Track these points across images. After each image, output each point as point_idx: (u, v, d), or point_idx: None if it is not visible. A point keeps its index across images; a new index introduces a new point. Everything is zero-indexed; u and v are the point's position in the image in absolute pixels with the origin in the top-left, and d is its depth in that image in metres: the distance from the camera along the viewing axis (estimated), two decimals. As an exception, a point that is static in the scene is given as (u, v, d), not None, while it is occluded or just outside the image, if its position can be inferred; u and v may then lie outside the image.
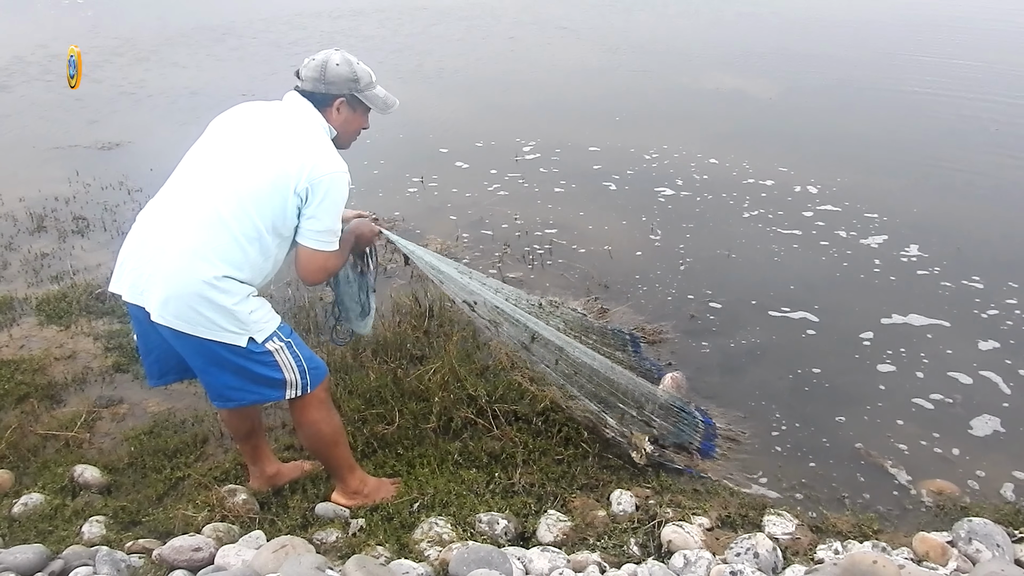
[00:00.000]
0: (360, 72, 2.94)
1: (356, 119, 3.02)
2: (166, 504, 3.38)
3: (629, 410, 3.59)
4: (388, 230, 3.39)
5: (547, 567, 2.78)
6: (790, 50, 12.75)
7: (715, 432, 3.76)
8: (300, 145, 2.78)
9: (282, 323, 2.89)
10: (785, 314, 4.86)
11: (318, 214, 2.76)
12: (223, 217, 2.67)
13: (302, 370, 2.90)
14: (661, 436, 3.59)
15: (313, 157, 2.74)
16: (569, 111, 9.78)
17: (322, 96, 2.90)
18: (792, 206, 6.49)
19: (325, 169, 2.73)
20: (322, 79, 2.88)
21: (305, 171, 2.70)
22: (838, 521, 3.13)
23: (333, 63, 2.89)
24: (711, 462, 3.60)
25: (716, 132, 8.63)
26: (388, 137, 8.61)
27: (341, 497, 3.26)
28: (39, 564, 2.74)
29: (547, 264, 5.60)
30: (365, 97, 2.97)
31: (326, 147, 2.83)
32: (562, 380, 3.57)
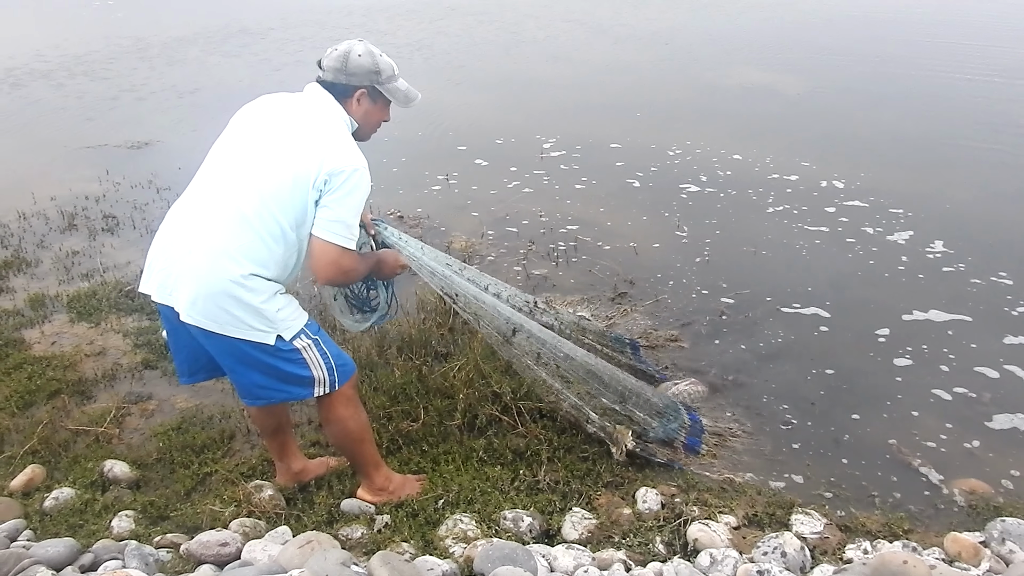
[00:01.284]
0: (382, 64, 2.92)
1: (377, 111, 3.00)
2: (194, 499, 3.41)
3: (612, 404, 3.56)
4: (379, 222, 3.33)
5: (572, 565, 2.77)
6: (819, 45, 12.60)
7: (702, 428, 3.72)
8: (320, 140, 2.75)
9: (309, 320, 2.89)
10: (812, 311, 4.80)
11: (331, 204, 2.71)
12: (247, 216, 2.67)
13: (330, 367, 2.90)
14: (644, 431, 3.56)
15: (332, 151, 2.72)
16: (590, 108, 9.74)
17: (343, 87, 2.88)
18: (818, 202, 6.42)
19: (343, 163, 2.70)
20: (343, 70, 2.86)
21: (324, 166, 2.68)
22: (867, 520, 3.09)
23: (355, 54, 2.86)
24: (736, 460, 3.56)
25: (741, 128, 8.55)
26: (408, 134, 8.65)
27: (367, 494, 3.27)
28: (70, 557, 2.78)
29: (572, 261, 5.58)
30: (386, 90, 2.95)
31: (345, 141, 2.81)
32: (543, 373, 3.54)
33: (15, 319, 5.01)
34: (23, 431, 3.86)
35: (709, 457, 3.58)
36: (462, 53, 13.14)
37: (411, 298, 4.95)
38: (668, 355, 4.40)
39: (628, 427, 3.51)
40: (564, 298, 5.01)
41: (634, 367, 4.06)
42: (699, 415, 3.82)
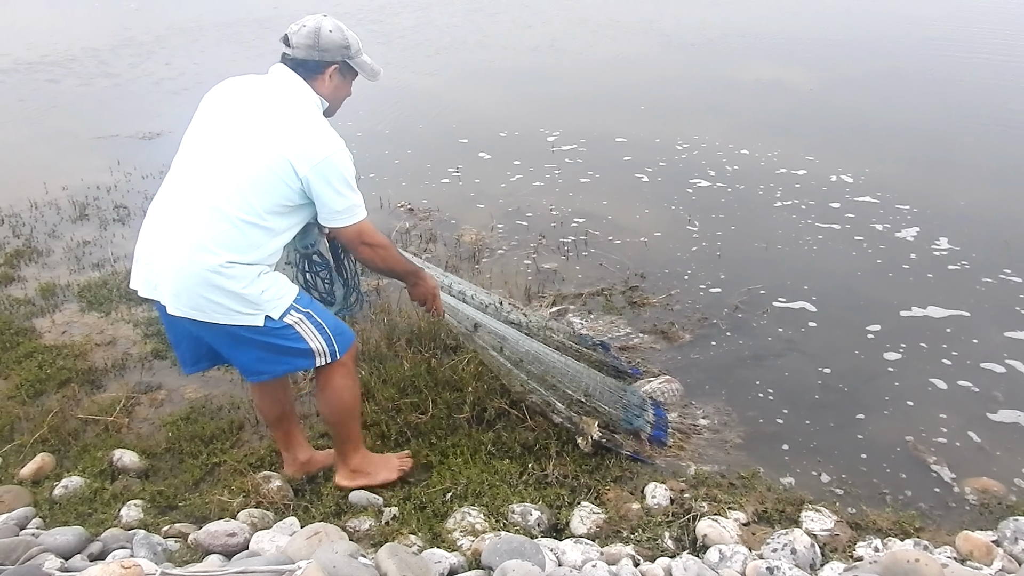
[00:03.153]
0: (351, 39, 2.89)
1: (344, 87, 2.97)
2: (202, 489, 3.41)
3: (577, 395, 3.54)
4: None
5: (580, 559, 2.75)
6: (833, 39, 12.51)
7: (667, 423, 3.70)
8: (296, 127, 2.71)
9: (300, 294, 2.88)
10: (822, 309, 4.77)
11: (327, 196, 2.72)
12: (220, 206, 2.65)
13: (327, 338, 2.90)
14: (610, 422, 3.55)
15: (310, 140, 2.69)
16: (593, 101, 9.71)
17: (315, 63, 2.84)
18: (827, 197, 6.37)
19: (324, 151, 2.68)
20: (316, 46, 2.81)
21: (305, 157, 2.66)
22: (878, 518, 3.06)
23: (326, 29, 2.82)
24: (745, 458, 3.55)
25: (749, 122, 8.50)
26: (410, 126, 8.68)
27: (343, 479, 3.27)
28: (78, 546, 2.79)
29: (583, 255, 5.56)
30: (356, 64, 2.93)
31: (320, 126, 2.76)
32: (509, 365, 3.53)
33: (26, 308, 5.03)
34: (33, 419, 3.86)
35: (676, 449, 3.58)
36: (462, 46, 13.12)
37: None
38: (677, 351, 4.38)
39: (594, 418, 3.50)
40: (575, 291, 5.00)
41: (607, 364, 4.03)
42: (664, 410, 3.80)
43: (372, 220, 5.95)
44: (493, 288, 5.02)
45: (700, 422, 3.81)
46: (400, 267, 3.06)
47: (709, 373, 4.19)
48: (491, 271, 5.32)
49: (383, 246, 2.92)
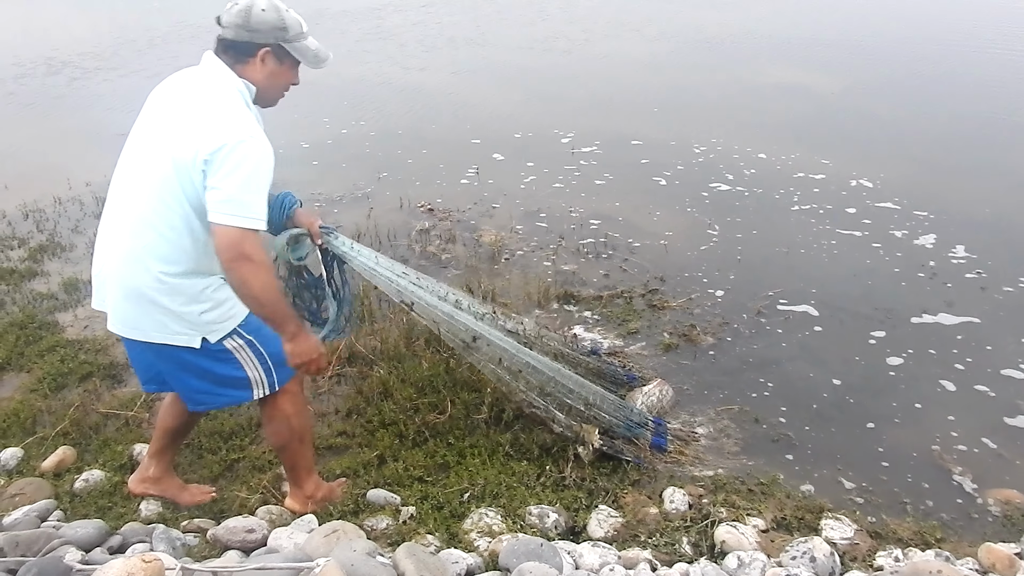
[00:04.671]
0: (289, 20, 2.62)
1: (283, 72, 2.69)
2: (221, 485, 3.43)
3: (577, 404, 3.51)
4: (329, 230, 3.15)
5: (598, 562, 2.74)
6: (857, 44, 12.37)
7: (666, 430, 3.68)
8: (198, 117, 2.49)
9: (248, 319, 2.70)
10: (841, 313, 4.73)
11: (218, 183, 2.42)
12: (143, 214, 2.54)
13: (267, 368, 2.76)
14: (610, 429, 3.53)
15: (210, 126, 2.45)
16: (608, 103, 9.66)
17: (245, 45, 2.59)
18: (848, 202, 6.30)
19: (222, 136, 2.42)
20: (246, 25, 2.56)
21: (203, 143, 2.42)
22: (899, 528, 3.04)
23: (259, 8, 2.56)
24: (765, 464, 3.52)
25: (768, 126, 8.44)
26: (422, 126, 8.70)
27: (295, 503, 3.13)
28: (99, 539, 2.80)
29: (602, 257, 5.54)
30: (293, 48, 2.65)
31: (227, 112, 2.51)
32: (508, 376, 3.47)
33: (49, 302, 5.07)
34: (55, 413, 3.90)
35: (677, 454, 3.56)
36: (473, 45, 13.12)
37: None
38: (691, 355, 4.36)
39: (594, 426, 3.48)
40: (595, 294, 5.00)
41: (602, 370, 3.99)
42: (663, 418, 3.78)
43: (391, 220, 6.05)
44: (513, 289, 5.04)
45: (706, 428, 3.78)
46: (279, 307, 2.60)
47: (725, 377, 4.17)
48: (511, 272, 5.32)
49: (267, 270, 2.52)
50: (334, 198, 6.80)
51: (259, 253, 2.45)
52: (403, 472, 3.43)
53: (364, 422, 3.80)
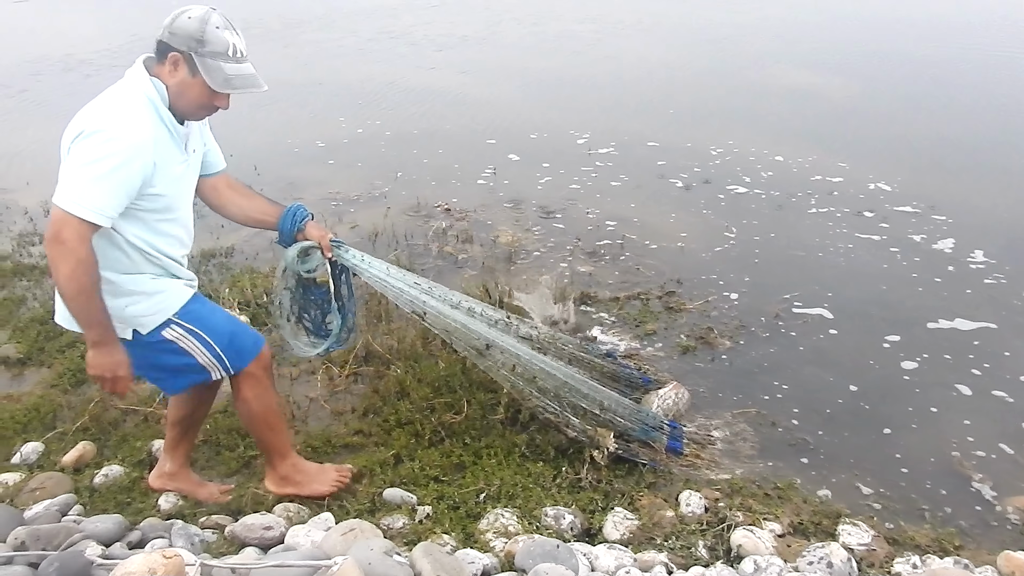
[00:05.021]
0: (212, 36, 2.51)
1: (196, 86, 2.56)
2: (238, 482, 3.45)
3: (591, 408, 3.50)
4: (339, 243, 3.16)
5: (613, 565, 2.75)
6: (871, 48, 12.26)
7: (682, 433, 3.67)
8: (85, 108, 2.50)
9: (186, 309, 2.71)
10: (859, 318, 4.70)
11: (65, 166, 2.41)
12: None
13: (215, 354, 2.76)
14: (625, 432, 3.52)
15: (82, 115, 2.46)
16: (624, 104, 9.61)
17: (163, 46, 2.54)
18: (865, 206, 6.26)
19: (84, 125, 2.40)
20: (168, 27, 2.53)
21: (69, 130, 2.44)
22: (916, 534, 3.02)
23: (186, 15, 2.52)
24: (782, 468, 3.51)
25: (784, 129, 8.38)
26: (438, 127, 8.74)
27: (271, 484, 3.19)
28: (118, 534, 2.83)
29: (619, 259, 5.53)
30: (202, 62, 2.52)
31: (105, 105, 2.49)
32: (521, 383, 3.47)
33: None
34: (75, 408, 3.93)
35: (693, 457, 3.55)
36: (487, 46, 13.12)
37: (456, 291, 4.95)
38: (705, 358, 4.35)
39: (609, 429, 3.48)
40: (611, 295, 4.99)
41: (617, 374, 3.98)
42: (678, 421, 3.77)
43: (408, 219, 6.06)
44: (529, 289, 5.04)
45: (722, 432, 3.77)
46: (82, 303, 2.46)
47: (742, 381, 4.16)
48: (527, 273, 5.31)
49: (76, 262, 2.38)
50: (351, 197, 6.82)
51: (75, 241, 2.35)
52: (419, 471, 3.43)
53: (380, 421, 3.82)
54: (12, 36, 15.65)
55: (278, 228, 3.07)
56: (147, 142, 2.47)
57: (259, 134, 8.26)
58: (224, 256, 5.73)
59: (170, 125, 2.59)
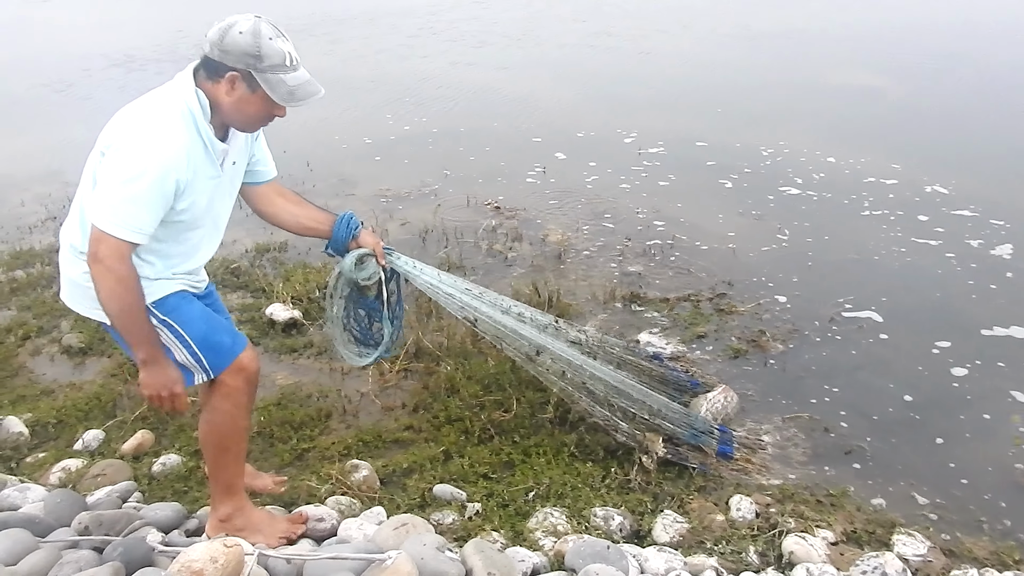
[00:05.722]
0: (267, 49, 2.40)
1: (255, 102, 2.47)
2: (291, 474, 3.50)
3: (640, 413, 3.49)
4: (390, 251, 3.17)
5: (663, 567, 2.74)
6: (930, 48, 11.98)
7: (732, 437, 3.64)
8: (121, 114, 2.43)
9: (166, 300, 2.55)
10: (916, 324, 4.60)
11: (100, 180, 2.35)
12: (78, 194, 2.53)
13: (193, 353, 2.56)
14: (674, 436, 3.50)
15: (118, 123, 2.39)
16: (670, 102, 9.56)
17: (215, 65, 2.43)
18: (920, 210, 6.11)
19: (120, 135, 2.34)
20: (219, 44, 2.40)
21: (104, 136, 2.38)
22: (974, 546, 2.96)
23: (237, 30, 2.39)
24: (835, 476, 3.47)
25: (837, 129, 8.23)
26: (484, 125, 8.75)
27: (210, 528, 2.80)
28: (176, 521, 2.91)
29: (669, 259, 5.49)
30: (263, 79, 2.42)
31: (143, 116, 2.40)
32: (571, 388, 3.47)
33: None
34: (134, 397, 4.03)
35: (743, 462, 3.52)
36: (532, 43, 13.10)
37: (506, 290, 4.98)
38: (758, 362, 4.31)
39: (658, 433, 3.46)
40: (661, 296, 4.97)
41: (666, 377, 3.95)
42: (727, 426, 3.74)
43: (458, 217, 6.09)
44: (579, 289, 5.05)
45: (773, 437, 3.73)
46: (126, 322, 2.42)
47: (794, 385, 4.10)
48: (576, 273, 5.32)
49: (116, 280, 2.33)
50: (402, 194, 6.88)
51: (113, 259, 2.30)
52: (468, 468, 3.46)
53: (430, 417, 3.85)
54: (60, 32, 16.06)
55: (332, 236, 3.01)
56: (180, 157, 2.37)
57: (308, 131, 8.34)
58: (278, 251, 5.82)
59: (207, 140, 2.47)
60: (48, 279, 5.46)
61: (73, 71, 11.96)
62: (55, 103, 10.53)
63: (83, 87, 11.18)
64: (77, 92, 10.98)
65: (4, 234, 6.37)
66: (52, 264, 5.66)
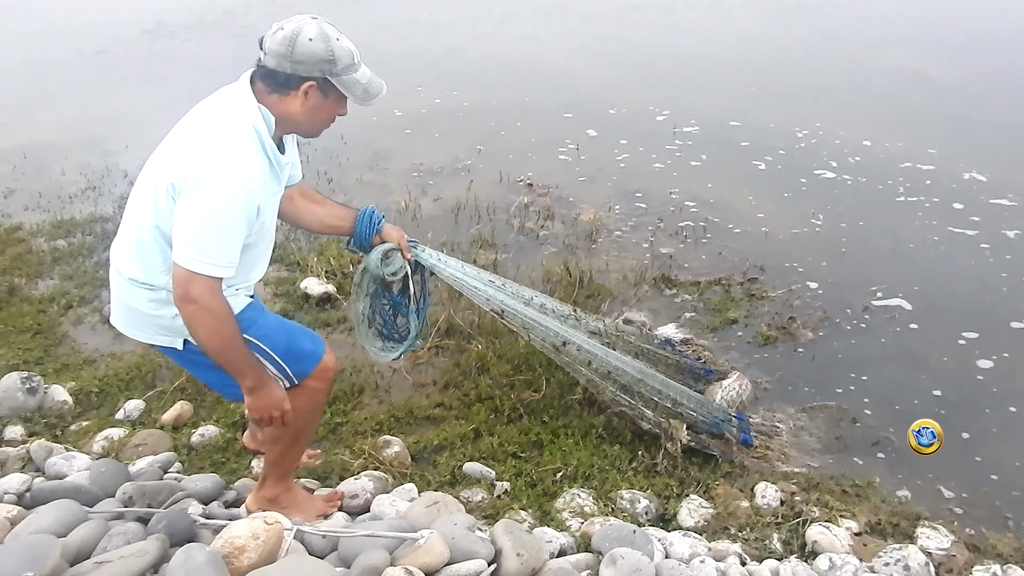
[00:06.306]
0: (339, 51, 2.35)
1: (327, 107, 2.44)
2: (325, 447, 3.58)
3: (664, 402, 3.52)
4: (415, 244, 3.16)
5: (688, 552, 2.79)
6: (983, 31, 11.70)
7: (749, 425, 3.67)
8: (190, 141, 2.34)
9: (243, 312, 2.51)
10: (950, 316, 4.57)
11: (179, 219, 2.26)
12: (127, 222, 2.47)
13: (277, 364, 2.56)
14: (696, 424, 3.53)
15: (192, 153, 2.29)
16: (704, 81, 9.43)
17: (286, 78, 2.34)
18: (958, 197, 6.01)
19: (197, 168, 2.24)
20: (289, 56, 2.31)
21: (177, 168, 2.27)
22: (999, 543, 2.99)
23: (305, 37, 2.30)
24: (858, 464, 3.50)
25: (878, 113, 8.07)
26: (518, 100, 8.70)
27: (253, 502, 2.86)
28: (215, 493, 3.00)
29: (701, 242, 5.50)
30: (341, 82, 2.38)
31: (217, 144, 2.30)
32: (596, 379, 3.50)
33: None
34: (173, 369, 4.11)
35: (763, 449, 3.57)
36: (562, 17, 12.90)
37: (537, 268, 5.03)
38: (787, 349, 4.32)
39: (681, 421, 3.49)
40: (692, 279, 4.99)
41: (681, 366, 3.99)
42: (746, 414, 3.78)
43: (490, 193, 6.10)
44: (610, 270, 5.07)
45: (800, 425, 3.77)
46: (230, 355, 2.39)
47: (823, 374, 4.12)
48: (608, 253, 5.34)
49: (214, 316, 2.30)
50: (434, 169, 6.92)
51: (207, 297, 2.27)
52: (498, 447, 3.54)
53: (461, 395, 3.92)
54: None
55: (354, 232, 2.99)
56: (258, 183, 2.34)
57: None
58: (312, 224, 5.88)
59: (272, 158, 2.43)
60: (89, 249, 5.58)
61: (106, 39, 12.02)
62: (88, 70, 10.60)
63: (115, 54, 11.25)
64: (109, 59, 11.06)
65: (45, 203, 6.50)
66: (93, 234, 5.80)
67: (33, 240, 5.81)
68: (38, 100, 9.40)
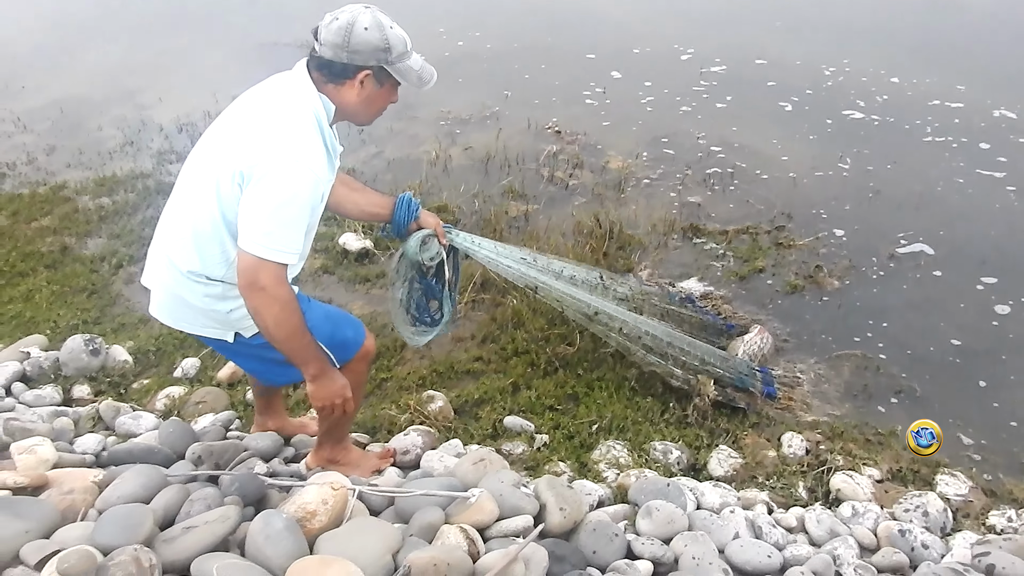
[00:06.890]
0: (393, 39, 2.39)
1: (382, 96, 2.49)
2: (372, 402, 3.78)
3: (691, 362, 3.66)
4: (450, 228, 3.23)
5: (718, 502, 2.97)
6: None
7: (772, 378, 3.81)
8: (255, 129, 2.35)
9: None
10: (972, 264, 4.63)
11: (246, 206, 2.29)
12: (182, 212, 2.50)
13: (323, 353, 2.58)
14: (721, 379, 3.67)
15: (260, 142, 2.30)
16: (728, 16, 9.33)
17: (342, 67, 2.37)
18: (984, 137, 6.01)
19: (267, 157, 2.27)
20: (345, 46, 2.34)
21: (245, 156, 2.29)
22: (1015, 488, 3.14)
23: (361, 26, 2.34)
24: (881, 413, 3.64)
25: (906, 47, 7.98)
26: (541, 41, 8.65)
27: (313, 459, 3.04)
28: (275, 450, 3.20)
29: (729, 189, 5.56)
30: (396, 70, 2.42)
31: (284, 133, 2.32)
32: (628, 343, 3.64)
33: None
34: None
35: (786, 400, 3.71)
36: None
37: (567, 220, 5.14)
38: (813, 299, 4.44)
39: (709, 377, 3.63)
40: (720, 228, 5.09)
41: (704, 323, 4.10)
42: (768, 367, 3.92)
43: (519, 141, 6.15)
44: (639, 220, 5.16)
45: (826, 374, 3.90)
46: (295, 344, 2.42)
47: (847, 324, 4.23)
48: (636, 202, 5.42)
49: (281, 305, 2.33)
50: (463, 117, 6.98)
51: (275, 286, 2.30)
52: (535, 400, 3.71)
53: (498, 349, 4.08)
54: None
55: (392, 219, 3.05)
56: (323, 171, 2.40)
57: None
58: (345, 178, 6.00)
59: (331, 146, 2.48)
60: (133, 207, 5.76)
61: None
62: (113, 21, 10.64)
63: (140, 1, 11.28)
64: (134, 8, 11.08)
65: (87, 160, 6.67)
66: (136, 192, 5.96)
67: (79, 198, 5.99)
68: (65, 54, 9.48)
